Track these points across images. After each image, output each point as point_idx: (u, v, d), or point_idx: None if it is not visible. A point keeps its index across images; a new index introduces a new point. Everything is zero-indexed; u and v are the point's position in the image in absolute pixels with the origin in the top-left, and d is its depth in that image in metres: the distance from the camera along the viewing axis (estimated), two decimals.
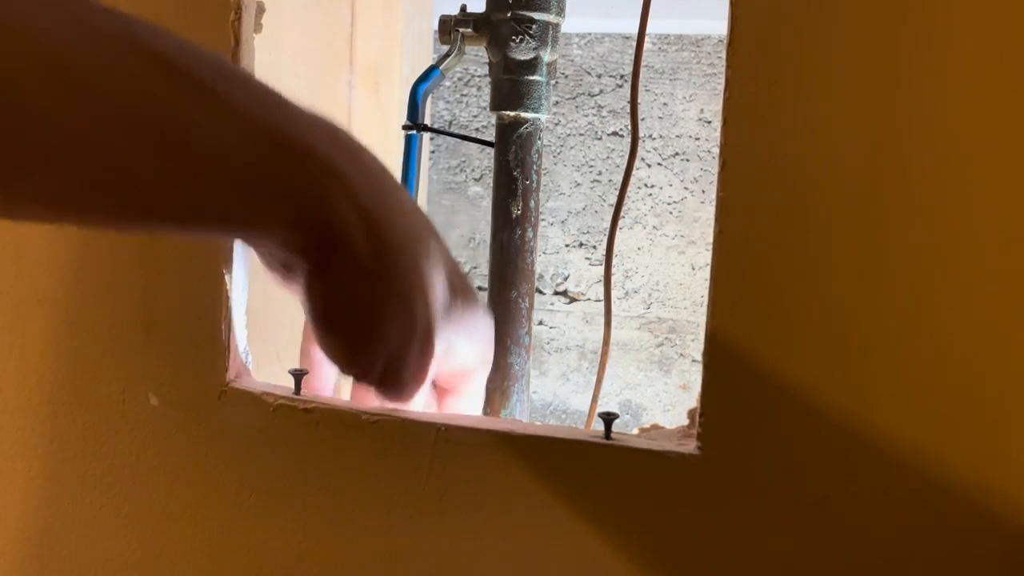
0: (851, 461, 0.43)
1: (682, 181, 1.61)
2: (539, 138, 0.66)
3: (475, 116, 1.71)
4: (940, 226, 0.42)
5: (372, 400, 0.50)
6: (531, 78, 0.64)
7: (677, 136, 1.61)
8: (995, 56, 0.41)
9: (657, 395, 1.65)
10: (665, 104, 1.62)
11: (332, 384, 0.54)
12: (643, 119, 1.61)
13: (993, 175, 0.41)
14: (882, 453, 0.43)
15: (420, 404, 0.50)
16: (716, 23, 1.56)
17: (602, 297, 0.87)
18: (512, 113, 0.65)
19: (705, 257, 1.60)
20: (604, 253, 0.71)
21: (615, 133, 1.64)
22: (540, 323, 1.68)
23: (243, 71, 0.41)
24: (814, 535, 0.44)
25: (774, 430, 0.44)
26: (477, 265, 1.68)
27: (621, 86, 1.64)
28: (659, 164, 1.62)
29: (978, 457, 0.42)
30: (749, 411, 0.44)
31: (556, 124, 1.65)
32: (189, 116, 0.34)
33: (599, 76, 1.65)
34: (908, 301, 0.42)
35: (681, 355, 1.64)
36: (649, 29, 0.59)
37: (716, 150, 0.45)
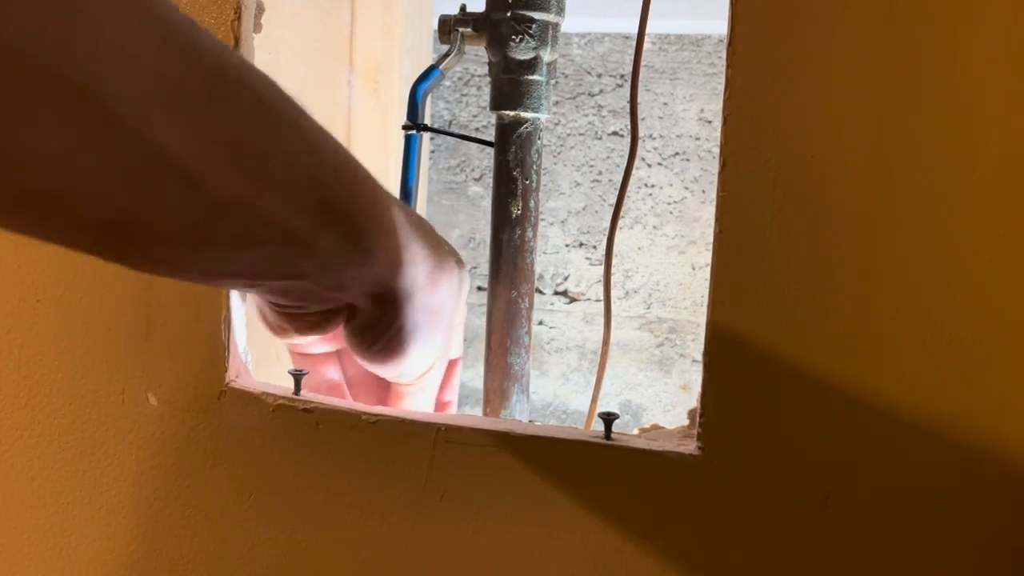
0: (851, 461, 0.43)
1: (682, 181, 1.61)
2: (539, 138, 0.65)
3: (475, 116, 1.71)
4: (941, 225, 0.42)
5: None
6: (531, 78, 0.64)
7: (677, 136, 1.61)
8: (995, 54, 0.40)
9: (657, 395, 1.65)
10: (665, 104, 1.62)
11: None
12: (643, 119, 1.61)
13: (995, 175, 0.41)
14: (883, 453, 0.43)
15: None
16: (716, 23, 1.56)
17: (602, 297, 0.87)
18: (512, 113, 0.65)
19: (705, 257, 1.60)
20: (604, 253, 0.71)
21: (615, 133, 1.64)
22: (540, 323, 1.68)
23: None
24: (814, 535, 0.44)
25: (774, 430, 0.44)
26: (477, 265, 1.68)
27: (621, 86, 1.64)
28: (659, 164, 1.62)
29: (982, 457, 0.42)
30: (749, 411, 0.44)
31: (556, 124, 1.65)
32: (277, 148, 0.36)
33: (599, 76, 1.65)
34: (909, 301, 0.42)
35: (681, 355, 1.64)
36: (649, 29, 0.59)
37: (716, 150, 0.45)
